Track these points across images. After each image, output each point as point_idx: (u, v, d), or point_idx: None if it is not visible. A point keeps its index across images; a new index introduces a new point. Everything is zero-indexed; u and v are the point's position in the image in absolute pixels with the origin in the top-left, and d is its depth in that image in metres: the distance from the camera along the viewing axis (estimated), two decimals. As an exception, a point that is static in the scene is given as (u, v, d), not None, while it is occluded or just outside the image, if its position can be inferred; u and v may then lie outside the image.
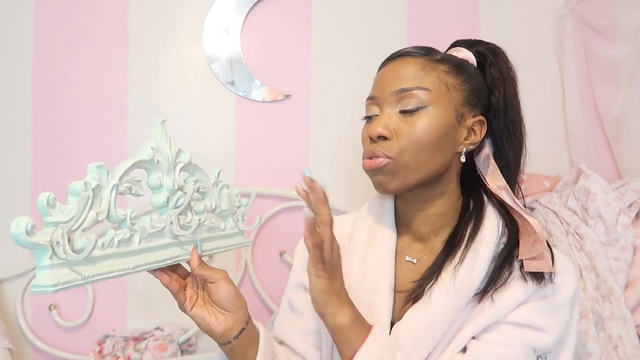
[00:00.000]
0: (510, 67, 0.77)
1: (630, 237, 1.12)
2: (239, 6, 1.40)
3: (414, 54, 0.72)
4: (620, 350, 1.02)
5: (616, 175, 1.42)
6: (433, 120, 0.69)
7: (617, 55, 1.40)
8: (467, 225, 0.72)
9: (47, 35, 1.35)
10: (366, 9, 1.45)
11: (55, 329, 1.33)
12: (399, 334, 0.68)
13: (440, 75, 0.70)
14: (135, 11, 1.38)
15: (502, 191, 0.72)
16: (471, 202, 0.75)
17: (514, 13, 1.51)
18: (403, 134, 0.69)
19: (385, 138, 0.69)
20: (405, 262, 0.76)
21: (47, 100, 1.35)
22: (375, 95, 0.73)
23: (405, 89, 0.69)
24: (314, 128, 1.43)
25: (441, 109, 0.69)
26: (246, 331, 0.70)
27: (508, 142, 0.75)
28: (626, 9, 1.39)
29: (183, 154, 0.71)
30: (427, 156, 0.69)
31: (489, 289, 0.67)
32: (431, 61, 0.71)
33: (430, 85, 0.69)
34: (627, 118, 1.38)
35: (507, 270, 0.68)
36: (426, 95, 0.69)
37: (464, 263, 0.68)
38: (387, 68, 0.73)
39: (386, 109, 0.71)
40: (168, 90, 1.39)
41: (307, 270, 0.65)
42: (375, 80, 0.75)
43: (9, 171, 1.34)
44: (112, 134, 1.37)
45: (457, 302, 0.67)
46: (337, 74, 1.44)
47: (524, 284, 0.67)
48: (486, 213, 0.73)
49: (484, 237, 0.70)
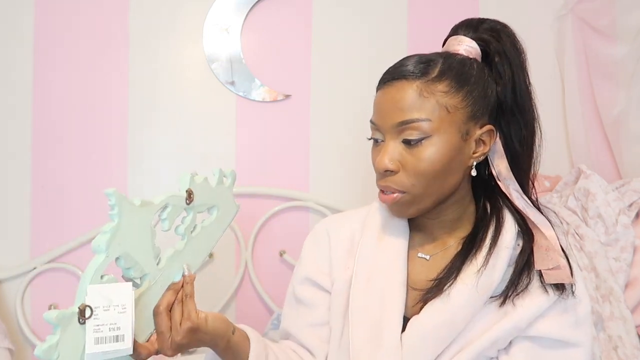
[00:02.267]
0: (518, 49, 0.74)
1: (630, 237, 1.12)
2: (239, 6, 1.40)
3: (409, 77, 0.68)
4: (620, 350, 1.02)
5: (616, 175, 1.42)
6: (438, 150, 0.67)
7: (617, 55, 1.40)
8: (488, 229, 0.72)
9: (47, 35, 1.35)
10: (366, 9, 1.45)
11: (55, 329, 1.33)
12: (414, 328, 0.69)
13: (439, 99, 0.67)
14: (135, 11, 1.38)
15: (513, 192, 0.72)
16: (488, 205, 0.75)
17: (514, 13, 1.51)
18: (410, 166, 0.68)
19: (392, 171, 0.69)
20: (417, 259, 0.76)
21: (47, 101, 1.35)
22: (376, 122, 0.72)
23: (405, 122, 0.67)
24: (314, 128, 1.43)
25: (444, 135, 0.68)
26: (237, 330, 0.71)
27: (518, 137, 0.72)
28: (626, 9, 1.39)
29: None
30: (438, 183, 0.69)
31: (510, 294, 0.67)
32: (428, 83, 0.68)
33: (429, 114, 0.67)
34: (627, 118, 1.39)
35: (527, 276, 0.68)
36: (427, 126, 0.67)
37: (487, 267, 0.69)
38: (385, 94, 0.70)
39: (389, 140, 0.70)
40: (168, 90, 1.39)
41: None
42: (375, 105, 0.73)
43: (9, 171, 1.34)
44: (112, 134, 1.37)
45: (476, 303, 0.68)
46: (337, 74, 1.44)
47: (545, 294, 0.67)
48: (505, 217, 0.72)
49: (504, 242, 0.70)
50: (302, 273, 0.82)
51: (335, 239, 0.81)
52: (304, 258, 0.84)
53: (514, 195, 0.71)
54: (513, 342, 0.69)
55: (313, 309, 0.80)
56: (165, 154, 1.39)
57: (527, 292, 0.68)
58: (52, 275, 1.33)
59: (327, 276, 0.80)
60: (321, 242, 0.83)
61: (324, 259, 0.81)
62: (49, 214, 1.34)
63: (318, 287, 0.80)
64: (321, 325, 0.79)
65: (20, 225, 1.33)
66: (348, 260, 0.78)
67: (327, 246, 0.81)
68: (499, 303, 0.68)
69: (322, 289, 0.80)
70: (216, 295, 1.38)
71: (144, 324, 0.62)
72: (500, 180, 0.73)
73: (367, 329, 0.71)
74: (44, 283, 1.33)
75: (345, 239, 0.80)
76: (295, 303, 0.83)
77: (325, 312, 0.79)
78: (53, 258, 1.32)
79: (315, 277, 0.80)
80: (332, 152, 1.44)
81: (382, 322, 0.70)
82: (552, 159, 1.51)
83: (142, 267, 0.60)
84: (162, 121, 1.39)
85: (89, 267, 0.54)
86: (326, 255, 0.81)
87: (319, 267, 0.81)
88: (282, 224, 1.42)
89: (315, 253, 0.82)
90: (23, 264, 1.31)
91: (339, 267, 0.78)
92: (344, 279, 0.76)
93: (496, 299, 0.68)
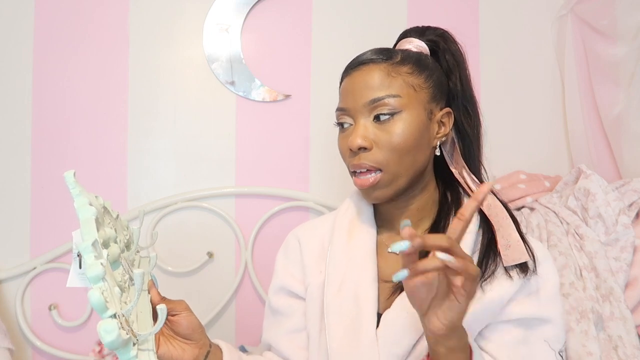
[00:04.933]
0: (460, 50, 0.79)
1: (630, 237, 1.12)
2: (239, 6, 1.40)
3: (376, 61, 0.73)
4: (620, 350, 1.02)
5: (616, 175, 1.42)
6: (408, 125, 0.71)
7: (617, 55, 1.40)
8: (448, 217, 0.75)
9: (47, 35, 1.35)
10: (366, 9, 1.45)
11: (55, 329, 1.33)
12: (387, 323, 0.70)
13: (405, 78, 0.72)
14: (135, 11, 1.38)
15: (466, 176, 0.76)
16: (448, 194, 0.78)
17: (514, 13, 1.51)
18: (382, 142, 0.71)
19: (366, 149, 0.71)
20: (388, 255, 0.78)
21: (47, 100, 1.35)
22: (346, 107, 0.74)
23: (376, 99, 0.71)
24: (314, 128, 1.43)
25: (413, 112, 0.71)
26: (211, 353, 0.71)
27: (468, 122, 0.77)
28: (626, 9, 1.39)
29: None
30: (409, 159, 0.72)
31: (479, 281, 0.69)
32: (393, 65, 0.73)
33: (398, 91, 0.71)
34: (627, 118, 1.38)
35: (493, 261, 0.70)
36: (397, 102, 0.71)
37: None
38: (353, 78, 0.74)
39: (360, 119, 0.72)
40: (168, 90, 1.39)
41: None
42: (343, 91, 0.76)
43: (9, 172, 1.34)
44: (112, 134, 1.37)
45: None
46: (337, 74, 1.43)
47: (510, 280, 0.69)
48: (464, 203, 0.75)
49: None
50: (276, 284, 0.84)
51: (306, 245, 0.83)
52: (278, 269, 0.86)
53: (468, 179, 0.75)
54: (489, 327, 0.70)
55: (289, 317, 0.81)
56: (165, 153, 1.39)
57: (494, 277, 0.69)
58: (52, 275, 1.34)
59: (300, 283, 0.81)
60: (292, 250, 0.85)
61: (296, 267, 0.83)
62: (49, 214, 1.34)
63: (293, 295, 0.82)
64: (298, 332, 0.80)
65: (20, 225, 1.33)
66: (320, 264, 0.80)
67: (298, 253, 0.83)
68: None
69: (297, 296, 0.82)
70: (216, 295, 1.39)
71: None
72: (453, 166, 0.77)
73: (343, 329, 0.72)
74: (44, 283, 1.34)
75: (316, 245, 0.82)
76: (272, 314, 0.85)
77: (301, 318, 0.80)
78: (53, 258, 1.32)
79: (289, 285, 0.82)
80: (332, 152, 1.44)
81: (357, 321, 0.72)
82: (552, 159, 1.51)
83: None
84: (162, 121, 1.39)
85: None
86: (298, 262, 0.83)
87: (292, 275, 0.83)
88: (282, 224, 1.42)
89: (288, 262, 0.85)
90: (23, 264, 1.31)
91: (312, 272, 0.80)
92: (317, 283, 0.78)
93: None
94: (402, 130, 0.70)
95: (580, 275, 1.09)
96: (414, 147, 0.71)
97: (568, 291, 1.07)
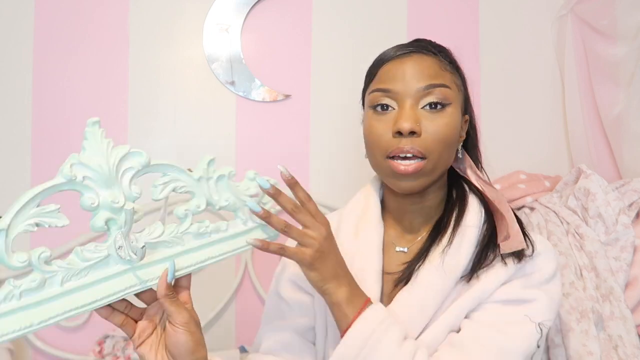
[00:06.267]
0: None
1: (630, 236, 1.12)
2: (239, 6, 1.40)
3: (426, 52, 0.73)
4: (620, 350, 1.02)
5: (616, 175, 1.42)
6: (453, 119, 0.71)
7: (617, 55, 1.40)
8: (452, 212, 0.75)
9: (47, 35, 1.35)
10: (366, 9, 1.45)
11: (55, 329, 1.33)
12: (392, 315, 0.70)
13: (450, 75, 0.73)
14: (135, 11, 1.38)
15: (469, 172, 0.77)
16: (454, 191, 0.79)
17: (514, 13, 1.51)
18: (431, 130, 0.69)
19: (414, 133, 0.68)
20: (395, 253, 0.78)
21: (47, 100, 1.35)
22: (393, 88, 0.71)
23: (432, 85, 0.69)
24: (314, 128, 1.43)
25: (456, 109, 0.72)
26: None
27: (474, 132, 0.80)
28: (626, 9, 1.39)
29: (133, 157, 0.58)
30: (448, 153, 0.72)
31: (476, 269, 0.70)
32: (442, 61, 0.73)
33: (449, 83, 0.72)
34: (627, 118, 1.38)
35: (492, 252, 0.71)
36: (449, 94, 0.71)
37: (452, 245, 0.71)
38: (404, 62, 0.72)
39: (407, 104, 0.70)
40: (168, 90, 1.39)
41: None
42: (387, 74, 0.73)
43: (9, 171, 1.34)
44: (112, 134, 1.36)
45: (446, 283, 0.69)
46: (337, 74, 1.44)
47: (505, 267, 0.70)
48: (469, 200, 0.76)
49: (469, 221, 0.73)
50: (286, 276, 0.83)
51: None
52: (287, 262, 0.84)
53: (472, 176, 0.76)
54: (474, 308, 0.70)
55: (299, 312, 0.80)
56: (165, 154, 1.39)
57: (492, 266, 0.70)
58: None
59: None
60: None
61: None
62: (49, 214, 1.34)
63: (302, 290, 0.81)
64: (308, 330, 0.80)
65: (20, 225, 1.33)
66: None
67: None
68: (467, 279, 0.70)
69: (306, 292, 0.81)
70: (216, 295, 1.38)
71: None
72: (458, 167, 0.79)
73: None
74: (44, 283, 1.33)
75: None
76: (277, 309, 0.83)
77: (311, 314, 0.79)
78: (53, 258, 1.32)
79: (299, 280, 0.81)
80: (332, 152, 1.44)
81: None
82: (552, 159, 1.51)
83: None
84: (162, 121, 1.39)
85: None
86: None
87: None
88: (282, 224, 1.41)
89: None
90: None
91: None
92: None
93: (465, 277, 0.70)
94: (450, 122, 0.70)
95: (580, 275, 1.10)
96: (453, 142, 0.72)
97: (568, 291, 1.07)
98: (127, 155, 0.58)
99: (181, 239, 0.62)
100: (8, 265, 0.49)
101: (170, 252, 0.62)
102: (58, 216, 0.53)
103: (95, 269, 0.56)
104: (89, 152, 0.56)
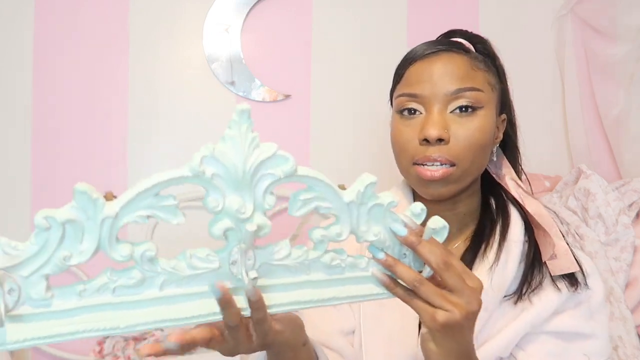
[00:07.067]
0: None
1: (630, 237, 1.12)
2: (239, 6, 1.40)
3: (455, 51, 0.69)
4: (620, 350, 1.02)
5: (616, 175, 1.42)
6: (486, 122, 0.67)
7: (617, 55, 1.40)
8: (496, 224, 0.71)
9: (47, 35, 1.35)
10: (366, 8, 1.45)
11: (55, 329, 1.33)
12: None
13: (483, 74, 0.68)
14: (135, 11, 1.38)
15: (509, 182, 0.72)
16: (492, 200, 0.74)
17: (514, 13, 1.51)
18: (460, 136, 0.65)
19: (442, 140, 0.65)
20: None
21: (47, 100, 1.35)
22: (420, 93, 0.67)
23: (462, 89, 0.65)
24: (314, 128, 1.43)
25: (489, 110, 0.68)
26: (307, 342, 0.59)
27: (513, 130, 0.75)
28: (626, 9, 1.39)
29: (277, 162, 0.49)
30: (479, 159, 0.68)
31: (525, 291, 0.66)
32: (474, 59, 0.69)
33: (481, 85, 0.67)
34: (627, 118, 1.38)
35: (539, 271, 0.67)
36: (480, 96, 0.66)
37: (499, 262, 0.67)
38: (432, 64, 0.67)
39: (435, 108, 0.66)
40: (168, 90, 1.39)
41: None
42: (414, 76, 0.69)
43: (9, 171, 1.34)
44: (112, 134, 1.37)
45: (492, 301, 0.66)
46: (337, 74, 1.44)
47: (557, 292, 0.66)
48: (510, 211, 0.71)
49: (513, 235, 0.69)
50: None
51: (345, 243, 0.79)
52: None
53: (511, 185, 0.71)
54: (527, 337, 0.66)
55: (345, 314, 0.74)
56: (165, 154, 1.39)
57: (541, 287, 0.66)
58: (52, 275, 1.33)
59: None
60: None
61: None
62: (49, 214, 1.34)
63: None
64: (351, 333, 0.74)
65: (20, 225, 1.33)
66: None
67: None
68: (514, 301, 0.66)
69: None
70: (216, 295, 1.38)
71: None
72: (497, 171, 0.74)
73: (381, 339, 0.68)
74: (44, 283, 1.33)
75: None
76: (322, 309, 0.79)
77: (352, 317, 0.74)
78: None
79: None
80: (332, 152, 1.44)
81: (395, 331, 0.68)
82: (552, 159, 1.51)
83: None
84: (162, 121, 1.39)
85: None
86: None
87: None
88: (283, 224, 1.41)
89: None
90: (23, 264, 1.31)
91: None
92: None
93: (511, 297, 0.67)
94: (481, 126, 0.66)
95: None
96: (486, 146, 0.68)
97: (568, 291, 1.07)
98: (271, 158, 0.49)
99: (308, 268, 0.51)
100: (109, 256, 0.43)
101: (291, 280, 0.51)
102: (174, 212, 0.46)
103: (199, 280, 0.47)
104: (227, 146, 0.48)
